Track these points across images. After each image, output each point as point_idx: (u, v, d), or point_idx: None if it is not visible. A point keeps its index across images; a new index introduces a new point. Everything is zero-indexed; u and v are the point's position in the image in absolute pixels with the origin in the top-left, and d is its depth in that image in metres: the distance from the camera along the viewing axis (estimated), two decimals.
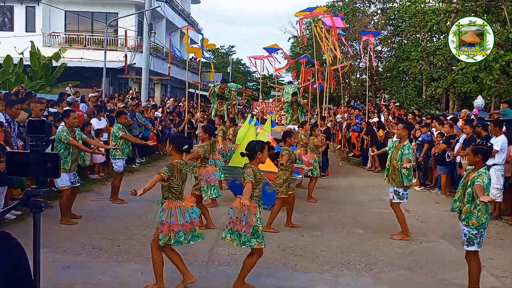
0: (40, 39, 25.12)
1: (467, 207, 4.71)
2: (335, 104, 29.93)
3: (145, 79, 19.63)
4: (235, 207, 4.68)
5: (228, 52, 51.75)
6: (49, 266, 5.16)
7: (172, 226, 4.52)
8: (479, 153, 4.79)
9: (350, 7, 28.52)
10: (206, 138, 7.17)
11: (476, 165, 4.82)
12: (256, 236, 4.58)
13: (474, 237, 4.70)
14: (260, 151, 4.80)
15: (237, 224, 4.58)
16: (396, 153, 6.83)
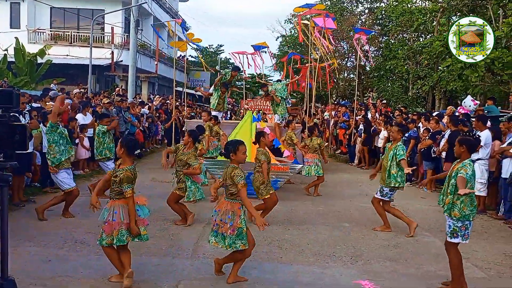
0: (25, 35, 24.75)
1: (449, 198, 4.71)
2: (322, 103, 30.01)
3: (132, 76, 19.45)
4: (219, 209, 4.63)
5: (217, 51, 51.57)
6: (30, 260, 5.09)
7: (114, 225, 4.43)
8: (464, 143, 4.78)
9: (338, 6, 28.58)
10: (190, 142, 6.97)
11: (461, 156, 4.83)
12: (241, 238, 4.54)
13: (459, 229, 4.69)
14: (233, 152, 4.66)
15: (222, 226, 4.53)
16: (388, 154, 6.83)
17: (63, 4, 25.94)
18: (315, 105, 19.79)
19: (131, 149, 4.63)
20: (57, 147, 6.80)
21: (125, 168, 4.51)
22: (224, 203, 4.63)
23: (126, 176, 4.44)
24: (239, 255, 4.66)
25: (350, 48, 28.40)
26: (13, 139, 1.93)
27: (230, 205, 4.57)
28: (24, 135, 1.96)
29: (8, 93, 2.08)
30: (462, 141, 4.81)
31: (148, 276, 4.80)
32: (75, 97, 13.41)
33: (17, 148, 1.97)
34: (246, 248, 4.59)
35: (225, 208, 4.55)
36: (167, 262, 5.22)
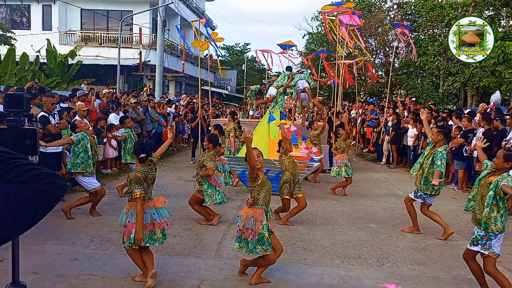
0: (57, 37, 25.38)
1: (486, 211, 4.43)
2: (350, 101, 29.61)
3: (159, 76, 19.68)
4: (241, 215, 4.67)
5: (243, 50, 51.66)
6: (56, 258, 5.17)
7: (132, 227, 4.44)
8: (510, 160, 4.51)
9: (366, 2, 28.14)
10: (210, 147, 6.96)
11: (501, 170, 4.55)
12: (262, 243, 4.51)
13: (481, 238, 4.48)
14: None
15: (244, 232, 4.55)
16: (427, 159, 6.35)
17: (93, 6, 26.49)
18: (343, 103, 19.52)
19: (137, 152, 4.68)
20: (74, 158, 6.96)
21: (134, 170, 4.62)
22: (246, 209, 4.69)
23: (135, 177, 4.49)
24: (262, 261, 4.65)
25: (379, 45, 27.94)
26: (24, 143, 1.93)
27: (252, 211, 4.60)
28: (35, 139, 1.96)
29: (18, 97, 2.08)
30: (509, 157, 4.52)
31: (171, 276, 4.80)
32: (104, 97, 13.65)
33: (28, 152, 1.97)
34: (268, 253, 4.54)
35: (247, 214, 4.60)
36: (190, 262, 5.22)
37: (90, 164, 7.04)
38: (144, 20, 25.90)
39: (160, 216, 4.60)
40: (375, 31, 26.79)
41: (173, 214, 7.32)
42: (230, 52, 51.07)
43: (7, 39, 20.90)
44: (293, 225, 6.87)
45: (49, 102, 8.02)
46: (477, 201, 4.61)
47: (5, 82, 16.42)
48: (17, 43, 21.10)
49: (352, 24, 13.36)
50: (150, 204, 4.59)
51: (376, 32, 27.00)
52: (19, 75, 18.00)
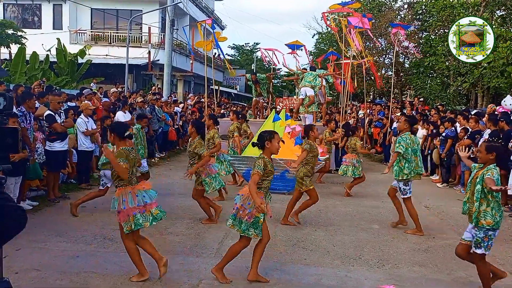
0: (67, 36, 25.63)
1: (475, 206, 4.41)
2: (359, 101, 29.48)
3: (167, 75, 19.77)
4: (241, 194, 4.63)
5: (253, 49, 51.65)
6: (59, 255, 5.23)
7: (127, 211, 4.48)
8: (495, 151, 4.45)
9: (376, 1, 27.96)
10: (193, 132, 6.87)
11: (487, 163, 4.49)
12: (255, 227, 4.53)
13: (482, 240, 4.45)
14: (269, 140, 4.70)
15: (241, 211, 4.54)
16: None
17: (102, 5, 26.71)
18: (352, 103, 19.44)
19: (121, 133, 4.67)
20: None
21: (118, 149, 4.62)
22: (245, 188, 4.65)
23: (119, 152, 4.53)
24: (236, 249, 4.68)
25: (388, 45, 27.75)
26: (5, 142, 1.96)
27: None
28: (16, 138, 1.99)
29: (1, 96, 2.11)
30: (492, 148, 4.47)
31: (171, 275, 4.82)
32: (112, 96, 13.76)
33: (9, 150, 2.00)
34: (259, 238, 4.60)
35: (248, 194, 4.52)
36: (190, 261, 5.25)
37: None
38: (153, 19, 26.03)
39: (150, 198, 4.64)
40: (385, 30, 26.60)
41: (176, 213, 7.38)
42: (239, 52, 51.10)
43: (18, 38, 21.16)
44: (296, 225, 6.86)
45: (55, 101, 8.10)
46: (470, 199, 4.56)
47: (16, 80, 16.63)
48: (28, 42, 21.35)
49: (359, 26, 13.28)
50: (139, 187, 4.63)
51: (386, 32, 26.81)
52: (29, 74, 18.22)
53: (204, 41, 11.91)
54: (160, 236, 6.13)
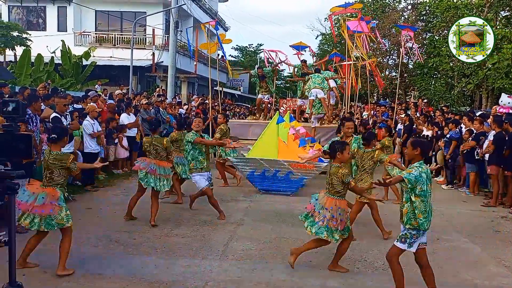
0: (71, 38, 25.75)
1: (405, 207, 4.28)
2: (363, 102, 29.47)
3: (171, 77, 19.83)
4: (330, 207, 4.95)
5: (256, 51, 51.69)
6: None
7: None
8: (419, 146, 4.29)
9: (380, 2, 27.97)
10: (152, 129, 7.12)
11: (414, 159, 4.34)
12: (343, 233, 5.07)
13: (411, 236, 4.35)
14: (340, 151, 5.02)
15: (335, 222, 4.93)
16: None
17: (107, 7, 26.82)
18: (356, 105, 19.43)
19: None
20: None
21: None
22: (331, 200, 4.98)
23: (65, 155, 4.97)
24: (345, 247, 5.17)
25: (392, 46, 27.73)
26: (19, 148, 1.99)
27: (339, 202, 4.99)
28: (29, 144, 2.03)
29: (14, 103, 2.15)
30: (416, 143, 4.33)
31: (176, 277, 4.85)
32: (117, 98, 13.81)
33: (23, 156, 2.04)
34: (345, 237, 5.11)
35: (335, 205, 4.95)
36: (195, 263, 5.27)
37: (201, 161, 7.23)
38: (157, 21, 26.12)
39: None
40: (388, 31, 26.59)
41: (181, 215, 7.41)
42: (243, 53, 51.14)
43: (23, 40, 21.27)
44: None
45: (61, 103, 8.16)
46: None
47: (21, 82, 16.72)
48: (33, 44, 21.45)
49: (358, 31, 13.30)
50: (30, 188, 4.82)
51: (390, 33, 26.80)
52: (34, 76, 18.32)
53: (208, 43, 11.94)
54: (165, 238, 6.16)
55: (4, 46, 21.02)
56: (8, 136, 2.00)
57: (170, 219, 7.13)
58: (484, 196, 9.54)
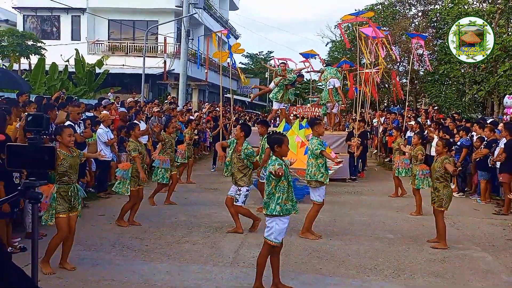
0: (85, 47, 26.17)
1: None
2: (374, 109, 29.40)
3: (183, 85, 20.02)
4: None
5: (266, 58, 51.90)
6: (79, 263, 5.35)
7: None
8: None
9: (390, 10, 27.96)
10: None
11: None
12: None
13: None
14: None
15: None
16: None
17: (120, 16, 27.22)
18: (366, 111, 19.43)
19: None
20: None
21: None
22: None
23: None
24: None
25: (402, 53, 27.68)
26: (43, 159, 2.09)
27: None
28: (53, 156, 2.13)
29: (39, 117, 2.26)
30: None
31: (187, 283, 4.92)
32: (128, 105, 13.99)
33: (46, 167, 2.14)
34: None
35: None
36: (206, 270, 5.33)
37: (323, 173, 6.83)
38: (169, 30, 26.44)
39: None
40: (399, 38, 26.56)
41: (192, 222, 7.49)
42: (253, 60, 51.38)
43: (37, 49, 21.66)
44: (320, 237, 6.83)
45: (75, 112, 8.32)
46: None
47: (35, 91, 17.01)
48: (47, 53, 21.84)
49: (375, 37, 13.37)
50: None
51: (400, 39, 26.77)
52: (49, 84, 18.62)
53: (220, 52, 12.08)
54: (176, 245, 6.24)
55: (19, 55, 21.42)
56: (32, 148, 2.10)
57: (181, 226, 7.22)
58: (496, 204, 9.48)
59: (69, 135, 5.21)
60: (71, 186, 5.09)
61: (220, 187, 10.50)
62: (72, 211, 5.11)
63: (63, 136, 5.14)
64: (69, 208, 5.07)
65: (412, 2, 28.05)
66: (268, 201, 4.68)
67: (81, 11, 26.94)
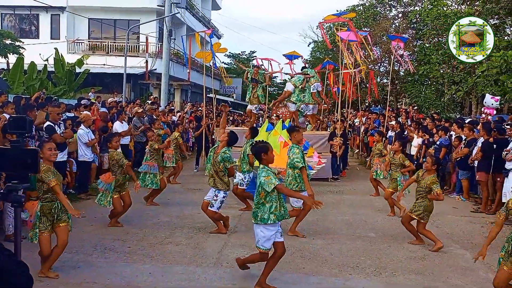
0: (65, 46, 25.75)
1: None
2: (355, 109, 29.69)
3: (165, 85, 19.90)
4: None
5: (249, 58, 51.89)
6: (60, 266, 5.28)
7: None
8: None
9: (371, 11, 28.29)
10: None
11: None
12: None
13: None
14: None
15: None
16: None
17: (100, 15, 26.87)
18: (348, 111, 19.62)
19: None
20: None
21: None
22: None
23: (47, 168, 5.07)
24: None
25: (383, 53, 28.04)
26: (26, 162, 2.07)
27: None
28: (36, 159, 2.10)
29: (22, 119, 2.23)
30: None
31: (171, 285, 4.91)
32: (109, 105, 13.84)
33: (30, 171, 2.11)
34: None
35: None
36: (190, 270, 5.32)
37: None
38: (150, 29, 26.21)
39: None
40: (379, 39, 26.89)
41: (175, 223, 7.46)
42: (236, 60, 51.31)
43: (15, 48, 21.25)
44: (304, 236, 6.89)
45: (55, 112, 8.19)
46: None
47: (14, 90, 16.70)
48: (26, 52, 21.44)
49: (351, 40, 13.53)
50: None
51: (381, 40, 27.11)
52: (27, 84, 18.30)
53: (204, 52, 12.06)
54: (159, 246, 6.21)
55: None
56: (16, 151, 2.07)
57: (164, 227, 7.18)
58: (474, 202, 9.68)
59: (50, 149, 5.00)
60: (54, 203, 4.97)
61: (203, 187, 10.44)
62: (58, 222, 4.99)
63: (44, 151, 4.92)
64: (52, 223, 4.97)
65: (392, 4, 28.45)
66: (257, 211, 4.74)
67: (60, 9, 26.48)
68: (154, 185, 8.56)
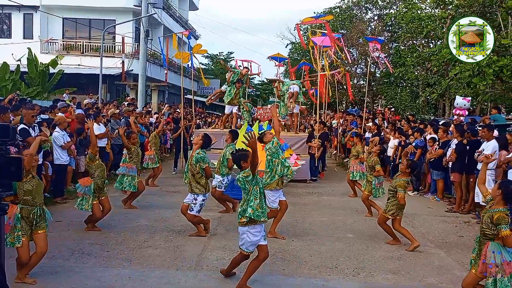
0: (38, 46, 25.19)
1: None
2: (333, 110, 30.01)
3: (142, 86, 19.70)
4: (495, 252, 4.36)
5: (227, 59, 51.80)
6: (37, 272, 5.18)
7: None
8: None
9: (347, 13, 28.68)
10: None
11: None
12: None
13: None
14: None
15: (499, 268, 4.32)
16: None
17: (75, 14, 26.40)
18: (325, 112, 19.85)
19: None
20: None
21: None
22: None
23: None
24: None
25: (360, 55, 28.45)
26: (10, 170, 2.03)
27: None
28: (20, 167, 2.07)
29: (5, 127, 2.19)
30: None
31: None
32: (85, 107, 13.62)
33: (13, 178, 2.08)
34: None
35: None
36: (170, 274, 5.30)
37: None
38: (126, 29, 25.89)
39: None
40: (356, 41, 27.28)
41: (154, 226, 7.41)
42: (213, 61, 51.16)
43: None
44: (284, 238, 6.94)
45: (29, 115, 8.03)
46: None
47: None
48: None
49: (325, 45, 13.74)
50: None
51: (357, 42, 27.50)
52: (0, 85, 17.85)
53: (182, 53, 12.01)
54: (138, 250, 6.16)
55: None
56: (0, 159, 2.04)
57: (143, 230, 7.12)
58: (448, 202, 9.92)
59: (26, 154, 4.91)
60: (34, 209, 4.89)
61: (182, 189, 10.39)
62: (37, 229, 4.92)
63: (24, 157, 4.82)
64: (31, 229, 4.90)
65: (368, 6, 28.91)
66: (246, 208, 4.79)
67: (33, 8, 25.89)
68: (132, 188, 8.47)
